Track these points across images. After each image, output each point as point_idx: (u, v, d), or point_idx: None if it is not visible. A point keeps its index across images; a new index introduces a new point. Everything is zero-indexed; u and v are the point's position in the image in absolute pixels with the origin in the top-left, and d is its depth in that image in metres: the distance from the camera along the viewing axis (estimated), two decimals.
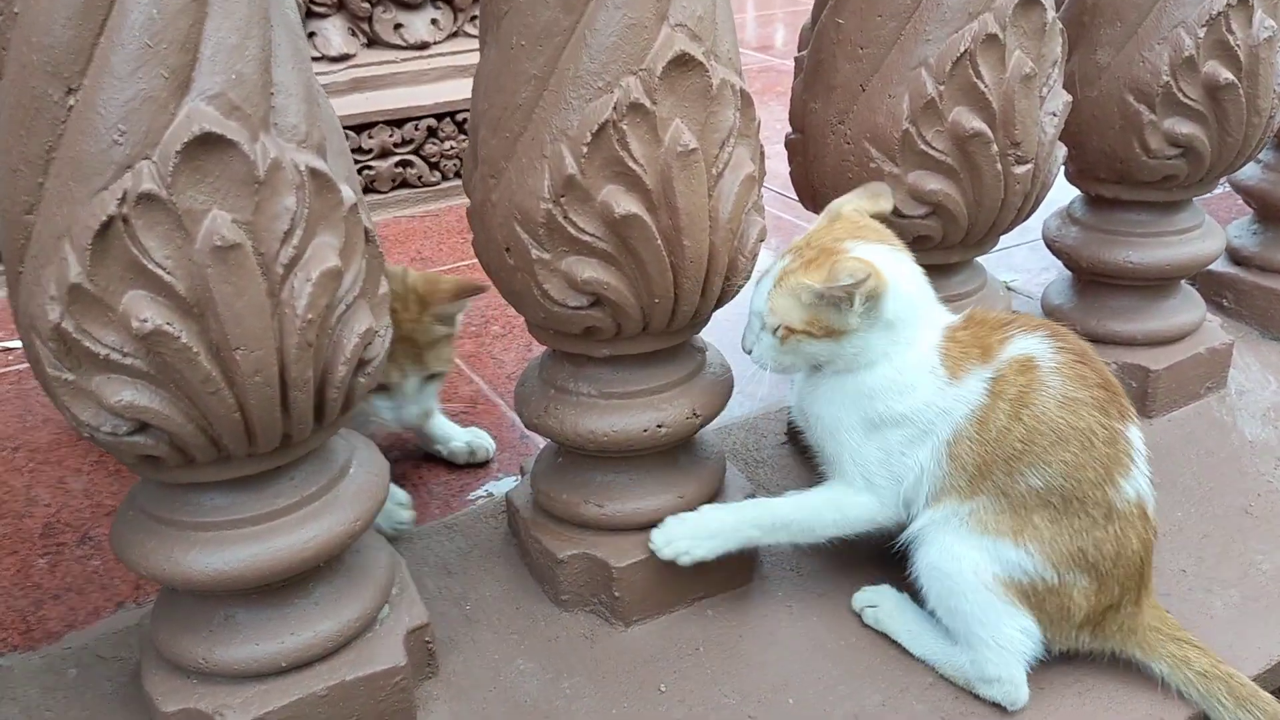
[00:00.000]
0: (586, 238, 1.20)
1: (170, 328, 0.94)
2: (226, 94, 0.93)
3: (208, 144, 0.91)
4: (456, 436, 1.89)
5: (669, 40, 1.14)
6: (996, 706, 1.32)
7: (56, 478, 1.87)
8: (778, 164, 1.69)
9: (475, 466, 1.89)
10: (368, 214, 1.08)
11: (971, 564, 1.29)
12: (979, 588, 1.29)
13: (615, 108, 1.13)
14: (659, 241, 1.20)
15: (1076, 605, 1.30)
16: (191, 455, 1.06)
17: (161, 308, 0.95)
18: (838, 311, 1.24)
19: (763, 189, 1.31)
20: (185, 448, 1.04)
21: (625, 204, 1.17)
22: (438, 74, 3.15)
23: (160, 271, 0.93)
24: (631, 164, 1.16)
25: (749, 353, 1.36)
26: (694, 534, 1.38)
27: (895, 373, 1.30)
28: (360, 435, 1.32)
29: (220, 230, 0.93)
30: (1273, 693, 1.54)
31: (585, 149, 1.15)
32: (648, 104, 1.14)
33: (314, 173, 0.98)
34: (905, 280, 1.30)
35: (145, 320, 0.94)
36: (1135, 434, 1.32)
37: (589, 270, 1.22)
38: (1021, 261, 2.70)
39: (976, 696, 1.33)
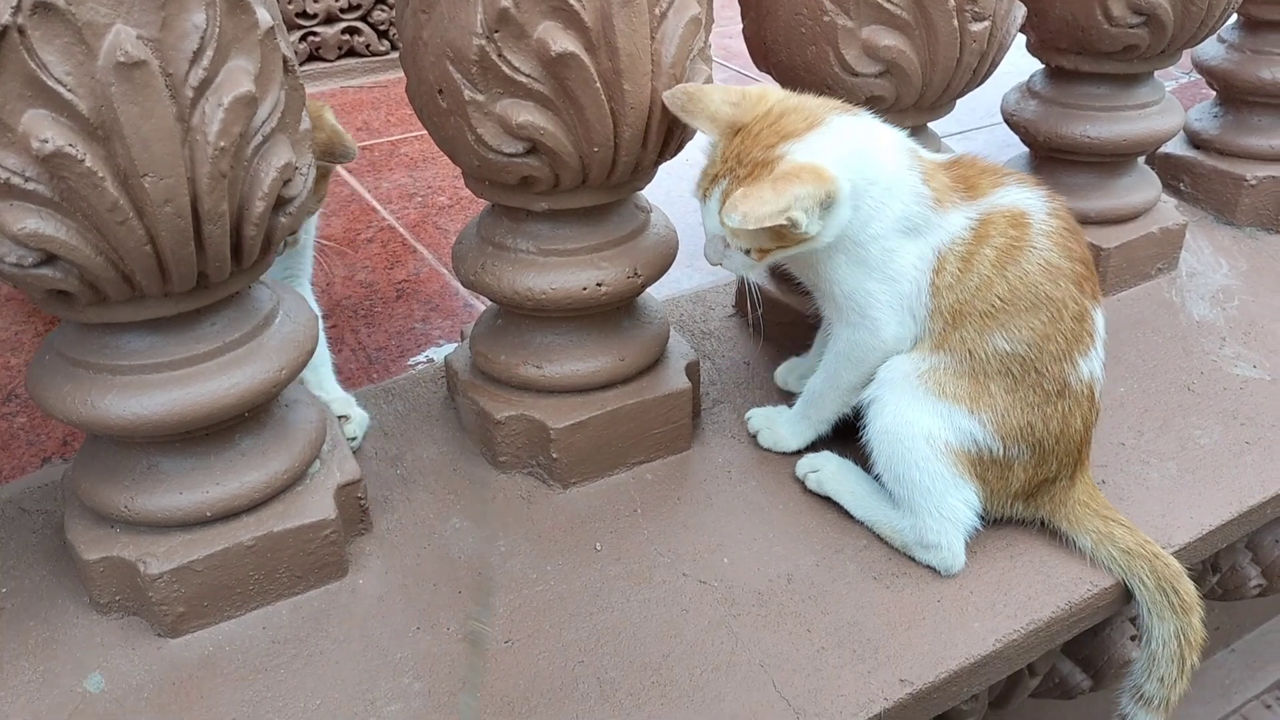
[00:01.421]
0: (522, 78, 1.15)
1: (73, 149, 0.89)
2: None
3: None
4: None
5: None
6: (930, 569, 1.32)
7: None
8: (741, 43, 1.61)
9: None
10: (287, 41, 1.02)
11: (924, 430, 1.28)
12: (930, 456, 1.28)
13: None
14: (598, 84, 1.15)
15: (1015, 477, 1.31)
16: (103, 291, 1.01)
17: (63, 128, 0.89)
18: (799, 226, 1.16)
19: (722, 64, 1.26)
20: (96, 282, 0.99)
21: (562, 42, 1.12)
22: None
23: (61, 89, 0.88)
24: None
25: (718, 264, 1.29)
26: None
27: (873, 208, 1.24)
28: (288, 286, 1.28)
29: (124, 45, 0.88)
30: (1204, 562, 1.57)
31: None
32: None
33: None
34: (848, 153, 1.21)
35: (46, 141, 0.89)
36: (1100, 317, 1.31)
37: (524, 114, 1.17)
38: (981, 146, 2.67)
39: (912, 559, 1.33)
